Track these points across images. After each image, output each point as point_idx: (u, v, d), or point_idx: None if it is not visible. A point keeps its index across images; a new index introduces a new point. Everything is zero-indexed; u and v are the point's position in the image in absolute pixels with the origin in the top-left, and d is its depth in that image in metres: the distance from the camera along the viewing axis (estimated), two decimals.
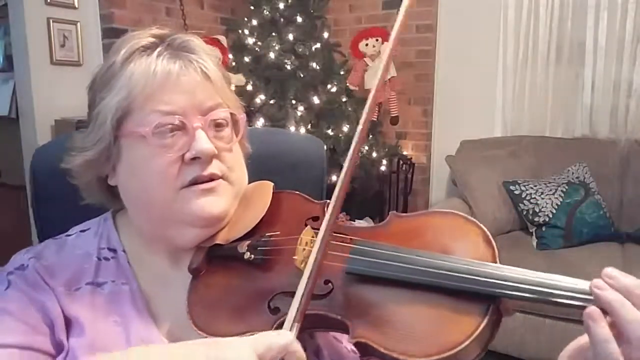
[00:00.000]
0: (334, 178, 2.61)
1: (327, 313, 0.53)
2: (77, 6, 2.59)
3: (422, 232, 0.58)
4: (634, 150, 2.58)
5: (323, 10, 2.97)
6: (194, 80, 0.62)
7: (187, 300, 0.59)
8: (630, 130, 2.72)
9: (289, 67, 2.70)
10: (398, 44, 2.99)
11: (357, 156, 0.55)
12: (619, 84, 2.73)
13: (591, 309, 0.44)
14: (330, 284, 0.54)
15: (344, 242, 0.57)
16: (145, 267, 0.67)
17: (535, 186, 2.48)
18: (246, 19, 2.87)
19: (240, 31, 2.85)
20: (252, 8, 2.86)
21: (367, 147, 2.89)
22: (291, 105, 2.69)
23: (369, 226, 0.62)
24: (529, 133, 2.94)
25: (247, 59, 2.78)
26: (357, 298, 0.53)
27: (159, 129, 0.60)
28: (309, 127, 2.69)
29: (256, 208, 0.66)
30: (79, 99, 2.38)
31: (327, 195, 0.83)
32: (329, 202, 0.56)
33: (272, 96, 2.72)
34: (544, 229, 2.36)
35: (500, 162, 2.69)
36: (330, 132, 2.76)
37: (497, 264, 0.51)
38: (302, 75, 2.74)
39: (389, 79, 2.88)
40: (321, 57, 2.82)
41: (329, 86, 2.84)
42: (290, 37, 2.75)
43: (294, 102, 2.70)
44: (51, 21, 2.48)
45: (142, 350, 0.50)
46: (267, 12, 2.78)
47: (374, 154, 2.92)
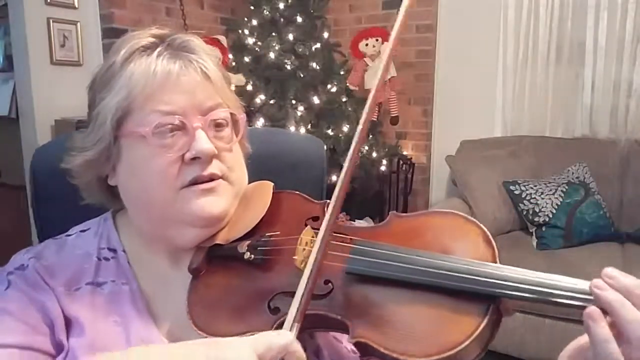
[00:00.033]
0: (334, 178, 2.61)
1: (327, 313, 0.52)
2: (77, 6, 2.59)
3: (422, 232, 0.58)
4: (634, 150, 2.58)
5: (323, 10, 2.97)
6: (194, 80, 0.62)
7: (187, 300, 0.59)
8: (630, 130, 2.72)
9: (289, 67, 2.70)
10: (398, 44, 3.00)
11: (357, 156, 0.55)
12: (619, 84, 2.73)
13: (591, 309, 0.44)
14: (330, 284, 0.54)
15: (344, 242, 0.57)
16: (145, 267, 0.67)
17: (535, 186, 2.48)
18: (246, 19, 2.87)
19: (240, 31, 2.85)
20: (252, 8, 2.86)
21: (367, 147, 2.89)
22: (291, 105, 2.69)
23: (369, 226, 0.62)
24: (529, 133, 2.94)
25: (247, 59, 2.78)
26: (357, 298, 0.53)
27: (159, 129, 0.60)
28: (309, 127, 2.68)
29: (256, 208, 0.66)
30: (79, 99, 2.37)
31: (327, 196, 0.83)
32: (329, 202, 0.56)
33: (272, 96, 2.72)
34: (544, 229, 2.36)
35: (500, 162, 2.69)
36: (330, 132, 2.76)
37: (497, 264, 0.51)
38: (302, 75, 2.74)
39: (389, 79, 2.88)
40: (321, 57, 2.82)
41: (329, 86, 2.84)
42: (290, 37, 2.75)
43: (294, 102, 2.70)
44: (51, 21, 2.48)
45: (142, 350, 0.50)
46: (267, 12, 2.78)
47: (374, 154, 2.92)
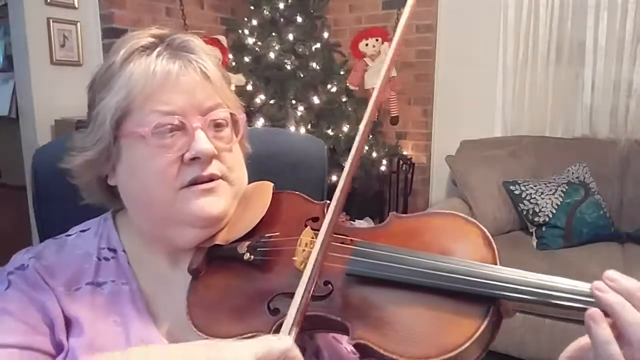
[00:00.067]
0: (334, 178, 2.61)
1: (326, 314, 0.52)
2: (77, 6, 2.59)
3: (422, 233, 0.57)
4: (634, 150, 2.58)
5: (323, 10, 2.96)
6: (193, 80, 0.61)
7: (187, 301, 0.59)
8: (630, 130, 2.72)
9: (289, 67, 2.70)
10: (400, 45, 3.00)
11: (359, 159, 0.54)
12: (619, 84, 2.73)
13: (593, 311, 0.44)
14: (330, 285, 0.54)
15: (344, 244, 0.57)
16: (145, 267, 0.67)
17: (535, 186, 2.47)
18: (246, 19, 2.86)
19: (240, 31, 2.85)
20: (252, 8, 2.86)
21: (367, 147, 2.89)
22: (291, 105, 2.69)
23: (369, 227, 0.62)
24: (529, 133, 2.94)
25: (247, 59, 2.77)
26: (357, 299, 0.53)
27: (158, 129, 0.59)
28: (309, 127, 2.68)
29: (256, 208, 0.65)
30: (79, 99, 2.37)
31: (328, 196, 0.83)
32: (329, 203, 0.55)
33: (272, 96, 2.72)
34: (544, 229, 2.36)
35: (500, 162, 2.69)
36: (330, 132, 2.76)
37: (498, 265, 0.51)
38: (302, 75, 2.74)
39: (390, 79, 2.88)
40: (321, 57, 2.82)
41: (329, 86, 2.84)
42: (290, 37, 2.75)
43: (294, 102, 2.70)
44: (51, 21, 2.48)
45: (141, 350, 0.50)
46: (267, 12, 2.78)
47: (374, 154, 2.92)
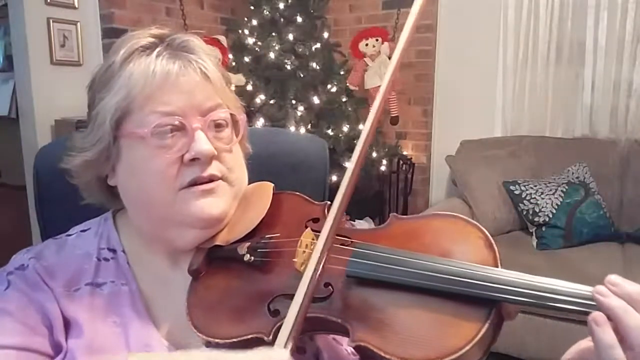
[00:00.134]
0: (334, 178, 2.61)
1: (327, 316, 0.52)
2: (77, 6, 2.58)
3: (423, 235, 0.57)
4: (634, 150, 2.58)
5: (323, 10, 2.96)
6: (193, 81, 0.61)
7: (187, 302, 0.58)
8: (630, 130, 2.72)
9: (289, 67, 2.70)
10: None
11: (362, 162, 0.53)
12: (619, 84, 2.73)
13: (596, 314, 0.44)
14: (330, 287, 0.54)
15: (344, 245, 0.57)
16: (145, 267, 0.67)
17: (535, 186, 2.47)
18: (246, 19, 2.86)
19: (240, 31, 2.84)
20: (252, 8, 2.85)
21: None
22: (291, 105, 2.68)
23: (370, 228, 0.61)
24: (529, 133, 2.94)
25: (247, 59, 2.77)
26: (357, 301, 0.52)
27: (158, 130, 0.59)
28: (309, 127, 2.68)
29: (256, 209, 0.65)
30: (79, 99, 2.36)
31: (329, 196, 0.82)
32: (329, 204, 0.55)
33: (272, 96, 2.72)
34: (544, 229, 2.36)
35: (500, 162, 2.69)
36: (330, 132, 2.76)
37: (499, 267, 0.51)
38: (302, 75, 2.73)
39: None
40: (321, 57, 2.81)
41: (329, 86, 2.84)
42: (290, 37, 2.74)
43: (294, 102, 2.70)
44: (51, 21, 2.47)
45: (142, 356, 0.50)
46: (267, 12, 2.78)
47: (374, 154, 2.92)
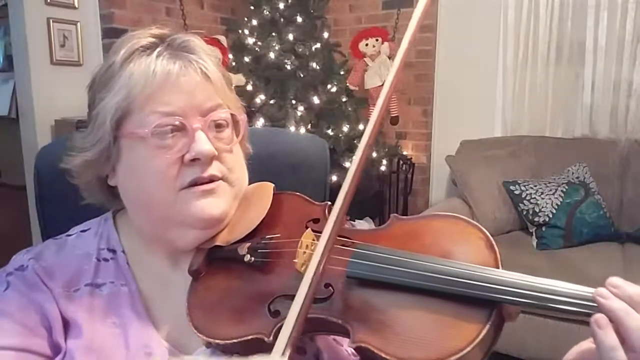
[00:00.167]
0: (334, 178, 2.60)
1: (327, 317, 0.52)
2: (77, 6, 2.58)
3: (423, 236, 0.57)
4: (634, 150, 2.58)
5: (323, 10, 2.96)
6: (193, 81, 0.61)
7: (187, 302, 0.58)
8: (630, 130, 2.72)
9: (289, 67, 2.69)
10: (397, 46, 2.94)
11: (364, 163, 0.53)
12: (619, 84, 2.73)
13: (598, 316, 0.44)
14: (330, 288, 0.54)
15: (345, 246, 0.56)
16: (144, 268, 0.66)
17: (535, 186, 2.47)
18: (246, 19, 2.86)
19: (240, 31, 2.84)
20: (252, 8, 2.85)
21: None
22: (291, 105, 2.68)
23: (370, 229, 0.61)
24: (529, 133, 2.93)
25: (247, 59, 2.77)
26: (358, 302, 0.52)
27: (158, 130, 0.59)
28: (309, 127, 2.68)
29: (256, 209, 0.65)
30: (79, 99, 2.35)
31: (330, 196, 0.82)
32: (330, 204, 0.55)
33: (272, 96, 2.72)
34: (544, 229, 2.36)
35: (500, 162, 2.69)
36: (330, 132, 2.76)
37: (500, 269, 0.50)
38: (302, 75, 2.73)
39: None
40: (321, 57, 2.81)
41: (329, 86, 2.84)
42: (290, 37, 2.74)
43: (294, 102, 2.69)
44: (51, 21, 2.47)
45: None
46: (267, 12, 2.78)
47: (374, 154, 2.92)
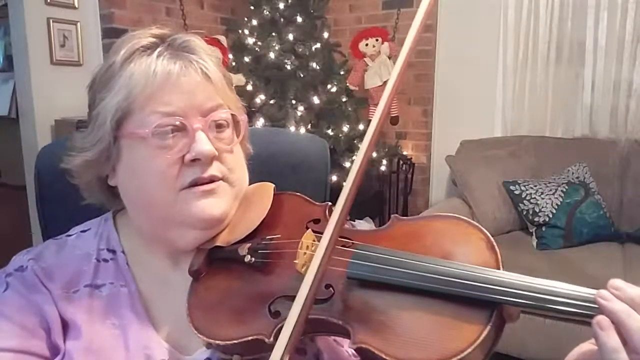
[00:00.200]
0: (334, 178, 2.60)
1: (328, 318, 0.52)
2: (77, 6, 2.58)
3: (424, 237, 0.57)
4: (634, 150, 2.58)
5: (323, 10, 2.96)
6: (194, 81, 0.61)
7: (187, 303, 0.58)
8: (630, 130, 2.72)
9: (289, 67, 2.69)
10: (397, 46, 2.92)
11: (366, 164, 0.53)
12: (619, 84, 2.73)
13: (600, 318, 0.43)
14: (331, 289, 0.54)
15: (345, 246, 0.56)
16: (145, 268, 0.66)
17: (535, 186, 2.47)
18: (246, 19, 2.86)
19: (240, 31, 2.84)
20: (252, 8, 2.85)
21: None
22: (291, 105, 2.68)
23: (371, 229, 0.61)
24: (529, 133, 2.94)
25: (247, 59, 2.77)
26: (358, 303, 0.52)
27: (158, 130, 0.59)
28: (309, 127, 2.68)
29: (257, 210, 0.65)
30: (79, 99, 2.35)
31: (330, 196, 0.82)
32: (330, 204, 0.55)
33: (272, 96, 2.72)
34: (544, 229, 2.36)
35: (500, 162, 2.69)
36: (330, 132, 2.76)
37: (501, 269, 0.50)
38: (302, 75, 2.73)
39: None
40: (321, 57, 2.81)
41: (329, 86, 2.84)
42: (290, 37, 2.74)
43: (294, 102, 2.69)
44: (51, 21, 2.47)
45: None
46: (267, 12, 2.78)
47: (374, 154, 2.92)
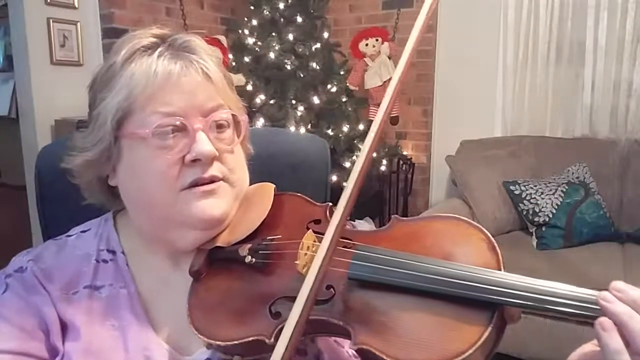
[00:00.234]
0: (334, 178, 2.60)
1: (328, 318, 0.52)
2: (77, 6, 2.58)
3: (425, 237, 0.57)
4: (634, 150, 2.58)
5: (323, 10, 2.96)
6: (194, 81, 0.61)
7: (188, 303, 0.58)
8: (630, 130, 2.72)
9: (289, 67, 2.69)
10: (397, 46, 2.91)
11: (369, 165, 0.52)
12: (619, 84, 2.73)
13: (603, 319, 0.43)
14: (332, 289, 0.54)
15: (346, 247, 0.56)
16: (145, 269, 0.66)
17: (535, 186, 2.47)
18: (246, 19, 2.86)
19: (240, 31, 2.84)
20: (252, 8, 2.85)
21: None
22: (291, 105, 2.68)
23: (371, 230, 0.61)
24: (529, 133, 2.93)
25: (247, 59, 2.77)
26: (359, 304, 0.52)
27: (159, 130, 0.59)
28: (309, 127, 2.68)
29: (257, 210, 0.65)
30: (79, 99, 2.36)
31: (330, 196, 0.82)
32: (331, 205, 0.54)
33: (272, 96, 2.71)
34: (544, 229, 2.36)
35: (500, 162, 2.69)
36: (330, 132, 2.76)
37: (502, 271, 0.50)
38: (302, 75, 2.73)
39: (389, 79, 2.88)
40: (321, 57, 2.81)
41: (329, 86, 2.84)
42: (290, 37, 2.74)
43: (294, 102, 2.69)
44: (51, 21, 2.47)
45: None
46: (267, 12, 2.78)
47: (374, 154, 2.92)
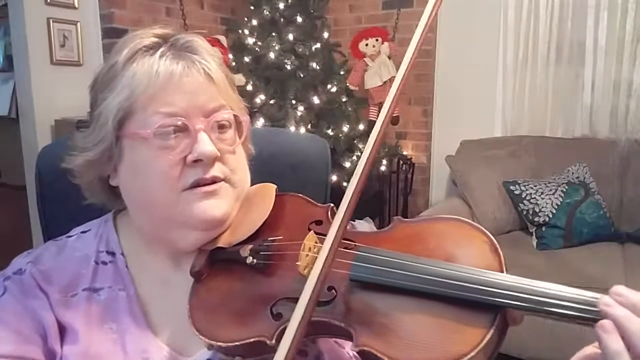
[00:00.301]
0: (334, 178, 2.60)
1: (330, 320, 0.51)
2: (77, 6, 2.58)
3: (427, 239, 0.56)
4: (634, 150, 2.58)
5: (323, 10, 2.96)
6: (196, 82, 0.61)
7: (189, 304, 0.58)
8: (630, 130, 2.72)
9: (289, 67, 2.69)
10: (397, 46, 2.90)
11: (370, 166, 0.52)
12: (619, 84, 2.73)
13: (604, 322, 0.43)
14: (333, 291, 0.53)
15: (348, 249, 0.56)
16: (145, 269, 0.66)
17: (535, 186, 2.47)
18: (246, 19, 2.86)
19: (240, 31, 2.84)
20: (252, 8, 2.85)
21: None
22: (291, 105, 2.68)
23: (373, 231, 0.61)
24: (529, 133, 2.94)
25: (247, 59, 2.77)
26: (361, 305, 0.52)
27: (161, 131, 0.59)
28: (309, 127, 2.68)
29: (259, 211, 0.65)
30: (79, 99, 2.36)
31: (331, 196, 0.82)
32: (332, 206, 0.54)
33: (272, 96, 2.71)
34: (544, 229, 2.36)
35: (500, 162, 2.69)
36: (330, 132, 2.76)
37: (504, 273, 0.50)
38: (302, 75, 2.73)
39: (390, 79, 2.88)
40: (321, 57, 2.81)
41: (329, 86, 2.83)
42: (290, 37, 2.74)
43: (294, 102, 2.69)
44: (51, 21, 2.47)
45: None
46: (267, 12, 2.78)
47: None
